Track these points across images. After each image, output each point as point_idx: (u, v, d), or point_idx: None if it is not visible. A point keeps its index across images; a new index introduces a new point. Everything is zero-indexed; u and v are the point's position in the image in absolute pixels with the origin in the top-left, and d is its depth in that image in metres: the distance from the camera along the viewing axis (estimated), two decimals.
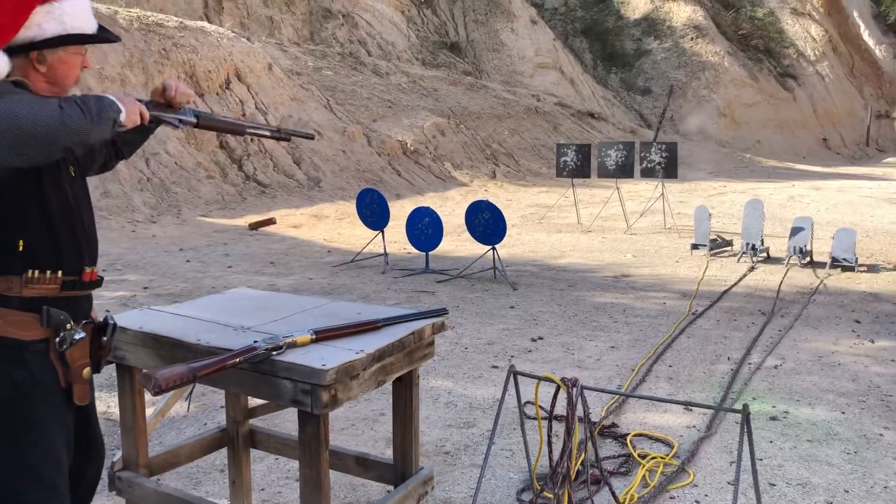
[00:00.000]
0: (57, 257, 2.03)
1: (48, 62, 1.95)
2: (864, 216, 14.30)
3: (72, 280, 2.06)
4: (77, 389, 2.09)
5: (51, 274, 2.00)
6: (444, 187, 17.47)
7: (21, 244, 1.95)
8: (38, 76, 1.95)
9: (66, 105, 1.77)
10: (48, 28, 1.91)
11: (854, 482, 3.48)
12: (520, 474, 3.52)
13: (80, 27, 1.98)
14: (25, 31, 1.88)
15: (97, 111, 1.83)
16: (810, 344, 5.80)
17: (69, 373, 2.06)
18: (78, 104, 1.80)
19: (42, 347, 2.01)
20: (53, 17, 1.91)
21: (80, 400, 2.11)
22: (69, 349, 2.04)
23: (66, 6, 1.94)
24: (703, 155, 28.88)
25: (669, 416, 4.28)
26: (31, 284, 1.97)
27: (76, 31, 1.97)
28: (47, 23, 1.90)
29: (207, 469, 3.54)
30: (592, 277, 8.44)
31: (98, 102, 1.86)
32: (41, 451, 2.04)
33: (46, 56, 1.94)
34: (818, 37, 39.30)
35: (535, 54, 31.85)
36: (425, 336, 2.57)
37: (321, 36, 24.82)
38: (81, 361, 2.09)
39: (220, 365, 2.10)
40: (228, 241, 10.43)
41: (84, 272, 2.11)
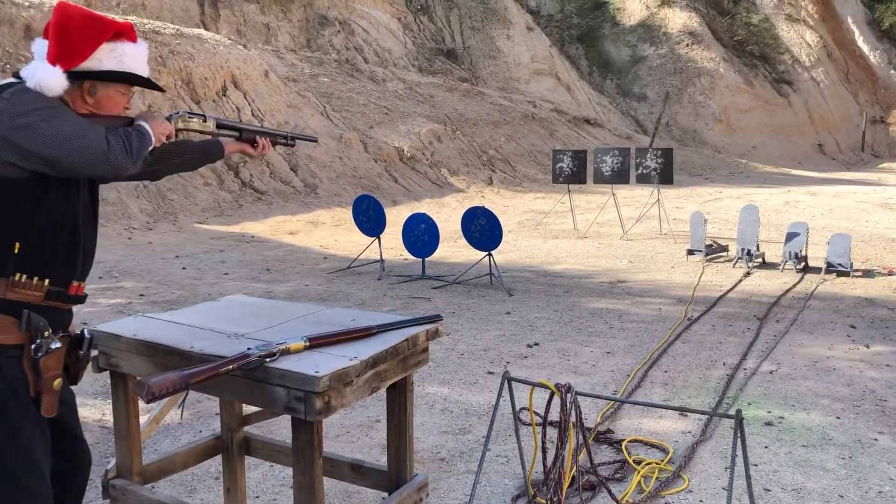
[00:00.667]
0: (49, 266, 2.06)
1: (98, 95, 2.09)
2: (860, 221, 14.33)
3: (57, 291, 2.09)
4: (45, 400, 2.07)
5: (38, 281, 2.03)
6: (440, 193, 17.49)
7: (17, 247, 1.99)
8: (85, 106, 2.08)
9: (113, 140, 1.93)
10: (107, 63, 2.06)
11: (849, 487, 3.49)
12: (515, 480, 3.52)
13: (135, 69, 2.13)
14: (88, 62, 2.04)
15: (138, 150, 2.01)
16: (805, 349, 5.81)
17: (40, 382, 2.05)
18: (123, 141, 1.96)
19: (17, 353, 2.02)
20: (115, 55, 2.07)
21: (46, 412, 2.08)
22: (43, 357, 2.04)
23: (128, 48, 2.11)
24: (699, 160, 28.95)
25: (665, 422, 4.28)
26: (16, 288, 2.00)
27: (130, 70, 2.12)
28: (107, 59, 2.06)
29: (202, 476, 3.53)
30: (588, 283, 8.45)
31: (140, 140, 2.03)
32: (20, 458, 2.04)
33: (98, 89, 2.09)
34: (813, 43, 39.45)
35: (531, 61, 31.94)
36: (419, 342, 2.57)
37: (318, 43, 24.86)
38: (54, 372, 2.08)
39: (214, 372, 2.10)
40: (225, 248, 10.43)
41: (71, 285, 2.14)
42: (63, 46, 1.99)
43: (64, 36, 1.99)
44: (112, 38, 2.06)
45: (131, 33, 2.12)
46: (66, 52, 1.99)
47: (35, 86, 1.94)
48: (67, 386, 2.25)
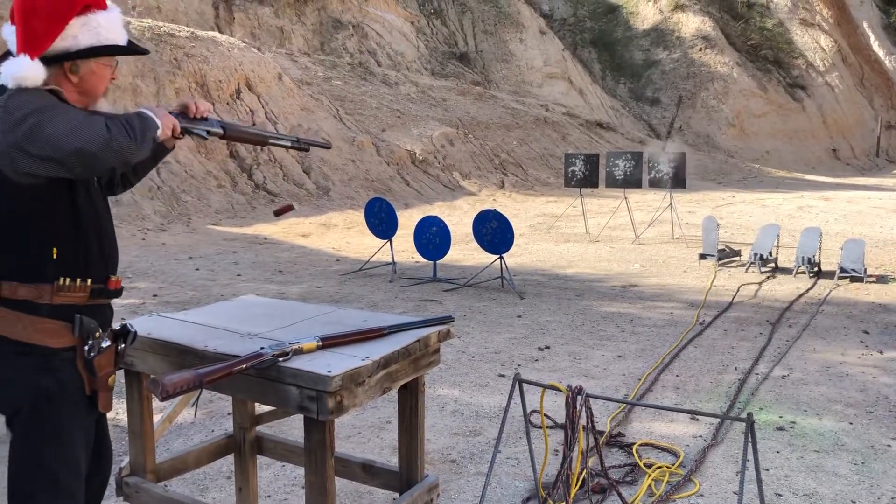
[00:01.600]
0: (86, 266, 2.06)
1: (81, 73, 2.00)
2: (874, 227, 14.24)
3: (99, 288, 2.10)
4: (102, 397, 2.10)
5: (80, 282, 2.03)
6: (452, 196, 17.51)
7: (55, 252, 1.98)
8: (70, 86, 2.00)
9: (113, 127, 1.85)
10: (83, 39, 1.96)
11: (861, 493, 3.47)
12: (525, 483, 3.52)
13: (113, 39, 2.03)
14: (61, 42, 1.93)
15: (141, 133, 1.92)
16: (818, 354, 5.78)
17: (95, 381, 2.07)
18: (124, 126, 1.88)
19: (70, 356, 2.03)
20: (89, 28, 1.96)
21: (104, 408, 2.12)
22: (97, 357, 2.06)
23: (101, 18, 1.99)
24: (712, 165, 28.84)
25: (676, 426, 4.28)
26: (63, 292, 1.99)
27: (109, 42, 2.02)
28: (83, 34, 1.96)
29: (214, 475, 3.56)
30: (600, 287, 8.44)
31: (142, 123, 1.94)
32: (62, 458, 2.05)
33: (80, 66, 1.99)
34: (827, 47, 39.24)
35: (544, 64, 31.92)
36: (431, 343, 2.59)
37: (331, 46, 24.95)
38: (107, 369, 2.11)
39: (227, 371, 2.12)
40: (238, 250, 10.48)
41: (110, 280, 2.16)
42: (29, 31, 1.88)
43: (29, 19, 1.88)
44: (82, 12, 1.94)
45: (101, 1, 1.99)
46: (33, 36, 1.88)
47: (10, 81, 1.86)
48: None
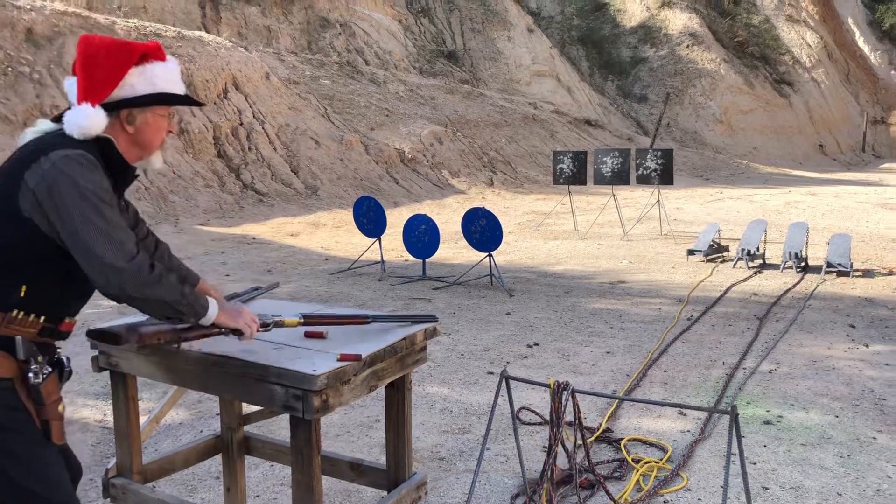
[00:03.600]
0: (48, 307, 2.02)
1: (137, 123, 2.04)
2: (860, 221, 14.34)
3: (50, 328, 2.05)
4: (55, 426, 2.02)
5: (34, 318, 1.99)
6: (441, 195, 17.51)
7: (23, 290, 1.95)
8: (126, 136, 2.04)
9: (139, 259, 1.87)
10: (140, 88, 2.00)
11: (847, 485, 3.50)
12: (514, 479, 3.53)
13: (170, 89, 2.07)
14: (119, 91, 1.98)
15: (152, 287, 1.90)
16: (805, 349, 5.82)
17: (44, 410, 2.00)
18: (148, 269, 1.88)
19: (9, 384, 1.95)
20: (146, 77, 2.01)
21: (57, 438, 2.03)
22: (42, 383, 1.99)
23: (158, 69, 2.04)
24: (700, 161, 28.96)
25: (664, 421, 4.30)
26: (12, 325, 1.95)
27: (167, 92, 2.06)
28: (139, 83, 2.01)
29: (202, 476, 3.55)
30: (588, 284, 8.46)
31: (163, 290, 1.93)
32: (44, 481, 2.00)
33: (136, 117, 2.03)
34: (813, 44, 39.45)
35: (532, 62, 31.97)
36: (417, 341, 2.59)
37: (319, 45, 24.90)
38: (55, 396, 2.03)
39: (205, 332, 2.17)
40: (226, 250, 10.45)
41: (63, 322, 2.10)
42: (90, 80, 1.95)
43: (90, 69, 1.95)
44: (140, 62, 2.01)
45: (159, 52, 2.06)
46: (94, 85, 1.94)
47: (75, 130, 1.91)
48: None
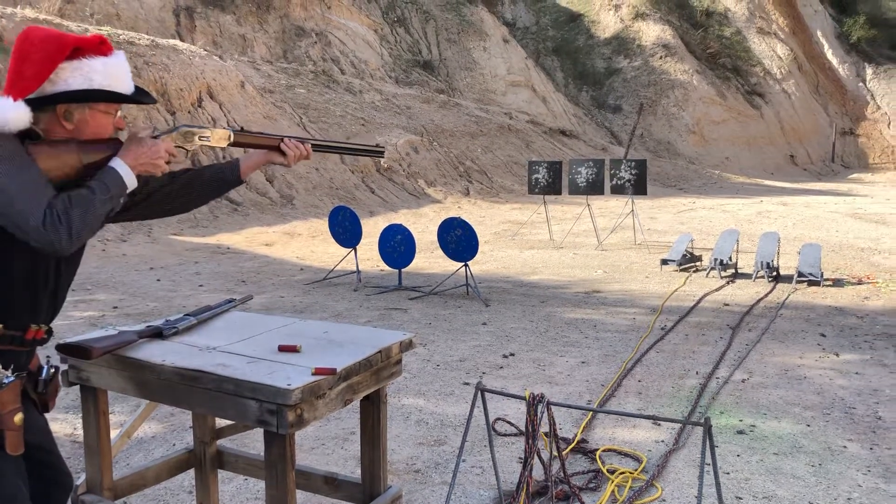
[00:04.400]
0: (7, 313, 1.97)
1: (75, 119, 1.95)
2: (830, 231, 14.55)
3: (12, 335, 2.00)
4: (8, 437, 1.95)
5: None
6: (417, 204, 17.51)
7: None
8: (65, 133, 1.95)
9: (49, 218, 1.78)
10: (73, 83, 1.92)
11: (819, 494, 3.54)
12: (490, 492, 3.53)
13: (110, 86, 1.98)
14: (52, 86, 1.91)
15: (78, 229, 1.83)
16: (777, 358, 5.89)
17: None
18: (62, 219, 1.79)
19: None
20: (81, 73, 1.93)
21: (12, 449, 1.97)
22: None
23: (96, 64, 1.95)
24: (673, 171, 29.25)
25: (638, 432, 4.32)
26: None
27: (105, 88, 1.97)
28: (73, 79, 1.92)
29: (175, 490, 3.50)
30: (564, 293, 8.49)
31: (83, 214, 1.84)
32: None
33: (74, 112, 1.95)
34: (784, 55, 40.07)
35: (508, 73, 32.13)
36: (392, 354, 2.58)
37: (294, 54, 24.83)
38: (11, 407, 1.96)
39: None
40: (200, 260, 10.36)
41: (29, 330, 2.04)
42: (17, 73, 1.87)
43: (20, 62, 1.87)
44: (73, 56, 1.91)
45: (101, 47, 1.96)
46: (20, 79, 1.86)
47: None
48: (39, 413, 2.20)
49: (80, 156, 1.91)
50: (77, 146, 1.93)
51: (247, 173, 2.37)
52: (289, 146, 2.35)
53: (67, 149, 1.90)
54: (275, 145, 2.35)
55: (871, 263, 10.72)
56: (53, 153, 1.87)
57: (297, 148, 2.36)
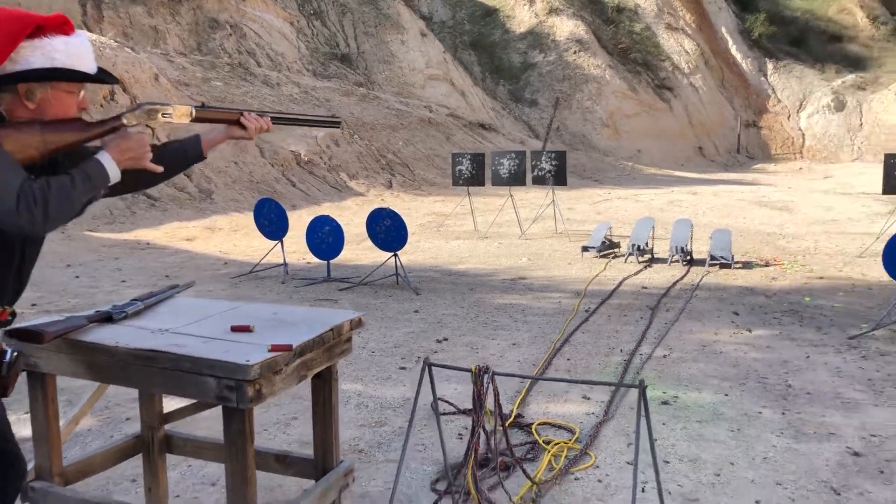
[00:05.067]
0: None
1: (37, 98, 1.95)
2: (738, 218, 15.27)
3: None
4: None
5: None
6: (339, 197, 17.46)
7: None
8: (27, 113, 1.94)
9: (23, 202, 1.78)
10: (35, 62, 1.91)
11: (738, 455, 3.80)
12: (433, 466, 3.65)
13: (72, 65, 1.97)
14: (12, 65, 1.89)
15: (55, 213, 1.84)
16: (694, 335, 6.21)
17: None
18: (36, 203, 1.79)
19: None
20: (43, 52, 1.92)
21: None
22: None
23: (57, 43, 1.95)
24: (589, 163, 29.99)
25: (570, 406, 4.51)
26: None
27: (67, 67, 1.96)
28: (34, 57, 1.91)
29: (117, 479, 3.49)
30: (491, 281, 8.69)
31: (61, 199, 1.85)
32: None
33: (36, 92, 1.94)
34: (691, 51, 41.54)
35: (426, 66, 32.25)
36: (343, 332, 2.67)
37: (208, 46, 24.29)
38: None
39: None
40: (120, 256, 10.10)
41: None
42: None
43: None
44: (34, 35, 1.92)
45: (63, 27, 1.97)
46: None
47: None
48: None
49: (43, 137, 1.92)
50: (40, 127, 1.92)
51: (208, 149, 2.41)
52: (248, 119, 2.39)
53: (31, 130, 1.90)
54: (235, 119, 2.39)
55: (776, 247, 11.34)
56: (17, 135, 1.87)
57: (256, 121, 2.40)
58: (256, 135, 2.45)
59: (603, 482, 3.50)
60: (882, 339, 6.01)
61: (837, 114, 39.02)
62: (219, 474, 3.57)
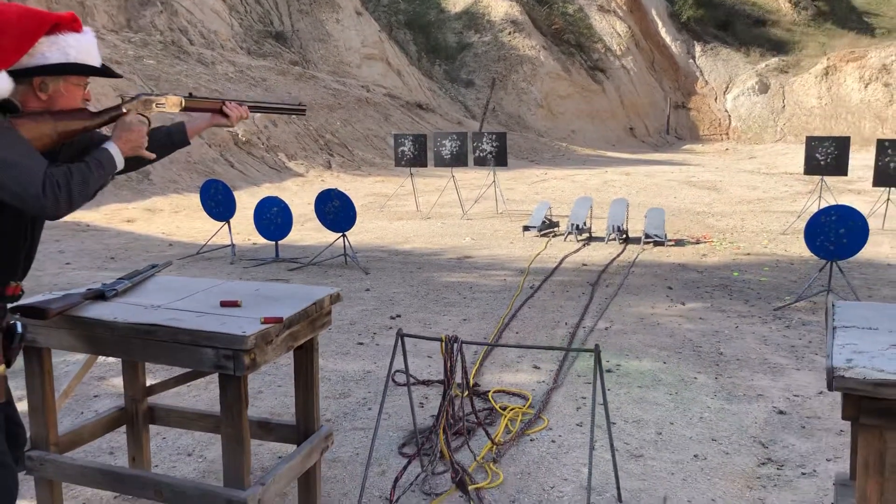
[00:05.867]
0: None
1: (49, 91, 2.09)
2: (669, 198, 15.87)
3: None
4: None
5: None
6: (279, 178, 17.41)
7: None
8: (39, 104, 2.09)
9: (49, 186, 1.92)
10: (51, 57, 2.06)
11: (677, 416, 4.15)
12: (399, 433, 3.89)
13: (83, 60, 2.12)
14: (30, 59, 2.03)
15: (78, 197, 2.00)
16: (633, 308, 6.59)
17: None
18: (60, 188, 1.94)
19: None
20: (58, 47, 2.07)
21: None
22: None
23: (71, 39, 2.10)
24: (525, 144, 30.45)
25: (521, 375, 4.81)
26: None
27: (79, 62, 2.11)
28: (51, 52, 2.06)
29: (96, 452, 3.62)
30: (437, 260, 8.94)
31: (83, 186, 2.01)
32: None
33: (49, 84, 2.08)
34: (622, 33, 42.39)
35: (362, 45, 32.10)
36: (325, 306, 2.89)
37: (139, 24, 23.70)
38: None
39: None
40: (60, 238, 9.97)
41: (9, 286, 2.19)
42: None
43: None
44: (52, 31, 2.06)
45: (75, 24, 2.11)
46: (1, 51, 1.98)
47: None
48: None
49: (55, 126, 2.07)
50: (52, 117, 2.08)
51: (193, 135, 2.61)
52: (230, 108, 2.59)
53: (44, 120, 2.05)
54: (217, 108, 2.59)
55: (706, 225, 11.90)
56: (33, 125, 2.02)
57: (237, 109, 2.60)
58: (236, 123, 2.63)
59: (556, 442, 3.80)
60: (803, 310, 6.50)
61: (761, 96, 40.46)
62: (194, 445, 3.74)
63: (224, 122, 2.60)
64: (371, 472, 3.38)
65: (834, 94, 38.20)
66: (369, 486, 3.29)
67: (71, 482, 2.80)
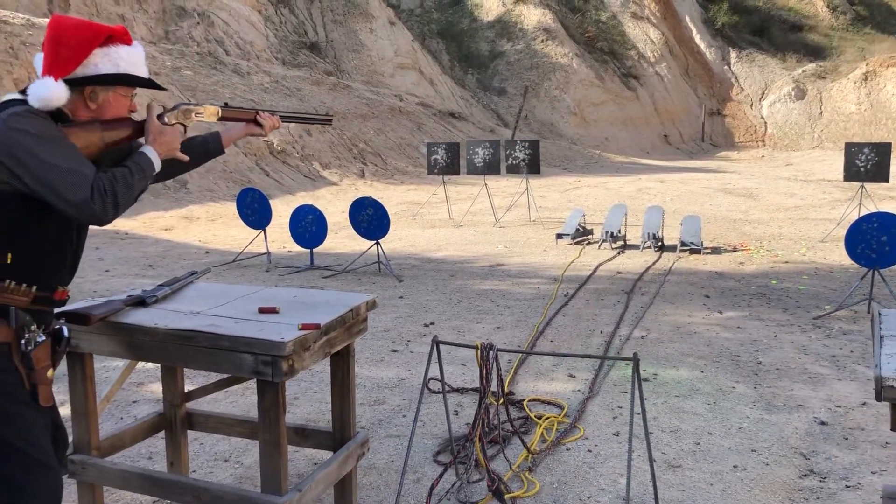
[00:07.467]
0: (38, 275, 2.12)
1: (99, 101, 2.15)
2: (704, 205, 15.70)
3: (44, 296, 2.15)
4: (42, 391, 2.15)
5: (26, 287, 2.09)
6: (313, 187, 17.55)
7: (9, 257, 2.04)
8: (88, 113, 2.14)
9: (97, 192, 1.98)
10: (103, 67, 2.11)
11: (715, 426, 4.09)
12: (433, 441, 3.88)
13: (133, 71, 2.18)
14: (83, 69, 2.09)
15: (123, 201, 2.07)
16: (669, 317, 6.51)
17: (33, 374, 2.12)
18: (107, 193, 2.01)
19: (6, 349, 2.07)
20: (110, 58, 2.12)
21: (45, 401, 2.16)
22: (34, 350, 2.12)
23: (122, 51, 2.16)
24: (557, 152, 30.36)
25: (556, 384, 4.78)
26: (5, 293, 2.04)
27: (130, 73, 2.17)
28: (103, 63, 2.11)
29: (135, 458, 3.66)
30: (470, 267, 8.93)
31: (127, 190, 2.08)
32: (23, 436, 2.13)
33: (99, 94, 2.14)
34: (656, 39, 42.10)
35: (395, 55, 32.30)
36: (361, 313, 2.89)
37: (177, 35, 24.12)
38: (45, 363, 2.16)
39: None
40: (100, 246, 10.15)
41: (57, 291, 2.21)
42: (56, 56, 2.05)
43: (56, 46, 2.06)
44: (105, 43, 2.11)
45: (125, 36, 2.17)
46: (58, 60, 2.05)
47: (37, 101, 2.00)
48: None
49: (102, 135, 2.12)
50: (100, 126, 2.13)
51: (228, 144, 2.68)
52: (263, 118, 2.66)
53: (93, 128, 2.10)
54: (252, 118, 2.66)
55: (742, 233, 11.74)
56: (83, 133, 2.07)
57: (270, 119, 2.67)
58: (270, 132, 2.69)
59: (592, 452, 3.76)
60: (844, 319, 6.37)
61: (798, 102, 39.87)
62: (231, 451, 3.78)
63: (258, 132, 2.67)
64: (406, 479, 3.38)
65: (874, 100, 37.52)
66: (405, 493, 3.29)
67: (112, 486, 2.84)
